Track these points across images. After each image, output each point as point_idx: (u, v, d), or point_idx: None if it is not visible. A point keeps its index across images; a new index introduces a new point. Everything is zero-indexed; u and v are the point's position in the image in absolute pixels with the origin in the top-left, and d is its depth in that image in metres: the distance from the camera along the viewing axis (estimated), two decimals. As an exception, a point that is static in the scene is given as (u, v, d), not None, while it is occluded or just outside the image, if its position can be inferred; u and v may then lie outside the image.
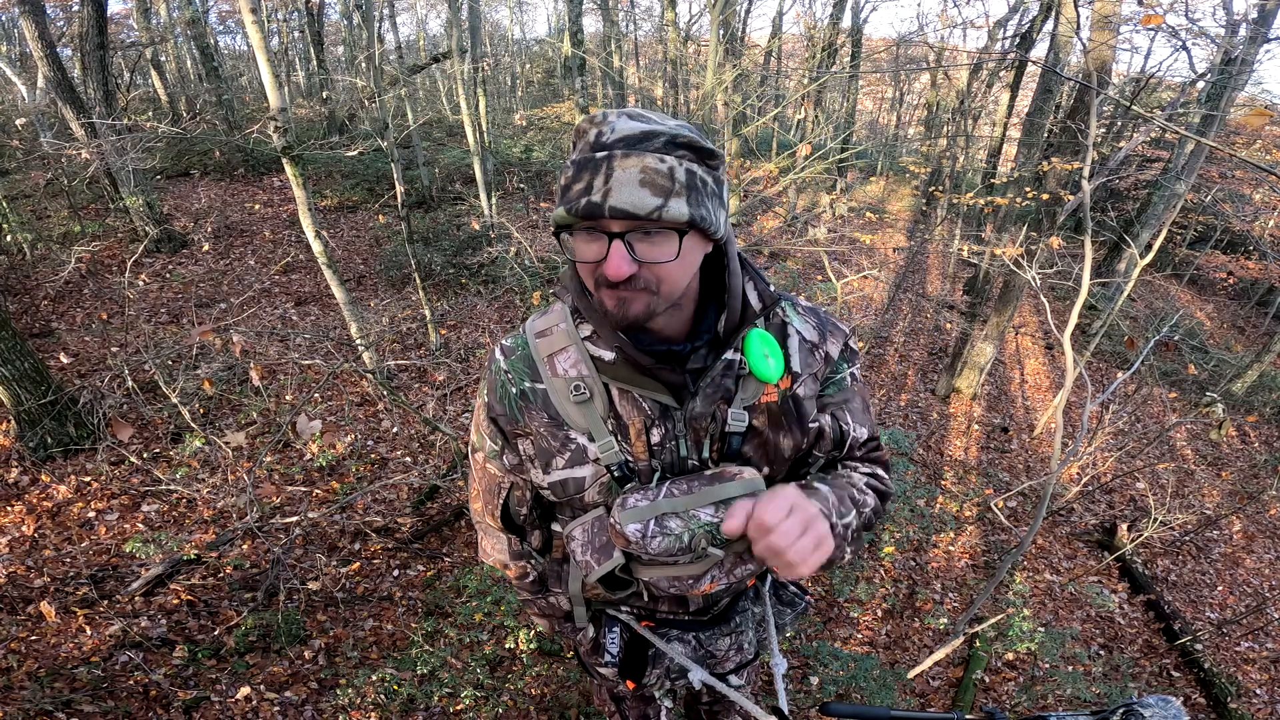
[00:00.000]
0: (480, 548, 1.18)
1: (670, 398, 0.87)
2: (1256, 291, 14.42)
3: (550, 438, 0.92)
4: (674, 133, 0.73)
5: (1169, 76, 12.37)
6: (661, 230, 0.73)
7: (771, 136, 14.87)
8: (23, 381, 3.97)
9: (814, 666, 3.08)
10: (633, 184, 0.71)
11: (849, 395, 0.98)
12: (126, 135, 6.19)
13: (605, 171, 0.71)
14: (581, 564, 0.96)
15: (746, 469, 0.88)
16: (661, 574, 0.92)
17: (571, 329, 0.91)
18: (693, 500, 0.85)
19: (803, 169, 7.50)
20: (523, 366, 0.94)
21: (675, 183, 0.72)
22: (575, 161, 0.74)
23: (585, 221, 0.74)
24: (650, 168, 0.71)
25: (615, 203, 0.70)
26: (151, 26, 11.44)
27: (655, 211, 0.71)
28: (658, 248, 0.75)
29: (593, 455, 0.90)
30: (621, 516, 0.86)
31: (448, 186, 10.80)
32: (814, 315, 0.96)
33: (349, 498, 4.00)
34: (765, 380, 0.87)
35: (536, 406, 0.92)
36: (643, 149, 0.72)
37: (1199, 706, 3.84)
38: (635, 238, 0.73)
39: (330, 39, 18.06)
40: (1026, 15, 11.57)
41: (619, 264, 0.73)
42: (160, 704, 2.62)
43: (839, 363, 0.96)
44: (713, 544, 0.86)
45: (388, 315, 6.74)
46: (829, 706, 0.99)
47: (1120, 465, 6.47)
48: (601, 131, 0.73)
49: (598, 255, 0.75)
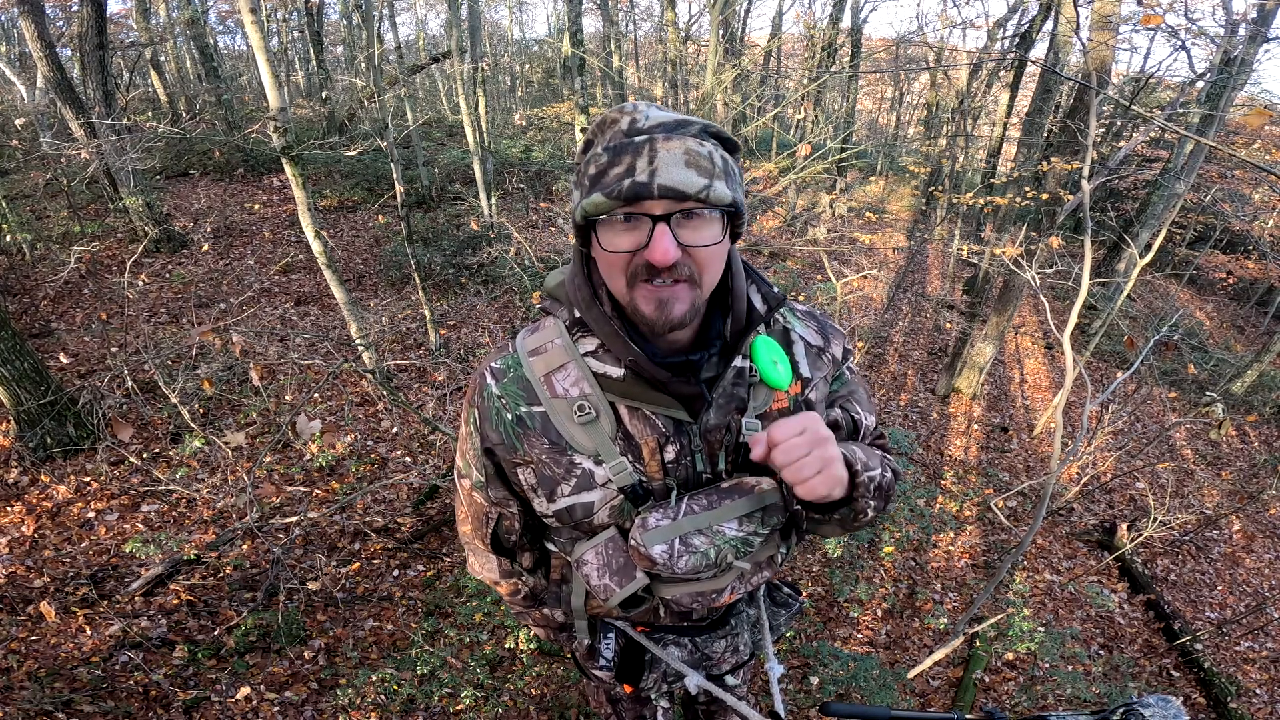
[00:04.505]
0: (469, 563, 1.14)
1: (684, 412, 0.83)
2: (1256, 291, 14.42)
3: (553, 464, 0.87)
4: (704, 122, 0.73)
5: (1169, 76, 12.40)
6: (703, 212, 0.71)
7: (771, 136, 14.87)
8: (22, 381, 3.97)
9: (814, 666, 3.08)
10: (679, 163, 0.69)
11: (854, 387, 1.00)
12: (126, 135, 6.18)
13: (649, 153, 0.69)
14: (599, 588, 0.92)
15: (764, 479, 0.86)
16: (685, 590, 0.92)
17: (569, 344, 0.85)
18: (715, 516, 0.84)
19: (802, 169, 7.50)
20: (517, 389, 0.87)
21: (715, 165, 0.71)
22: (610, 148, 0.71)
23: (626, 206, 0.70)
24: (693, 149, 0.70)
25: (664, 181, 0.68)
26: (151, 26, 11.43)
27: (703, 191, 0.69)
28: (699, 231, 0.72)
29: (601, 479, 0.86)
30: (645, 538, 0.83)
31: (447, 186, 10.80)
32: (813, 319, 0.96)
33: (349, 498, 4.00)
34: (776, 387, 0.85)
35: (536, 432, 0.86)
36: (682, 132, 0.71)
37: (1199, 706, 3.84)
38: (677, 221, 0.70)
39: (330, 39, 18.07)
40: (1026, 15, 11.57)
41: (667, 247, 0.69)
42: (160, 704, 2.62)
43: (842, 361, 0.98)
44: (738, 557, 0.86)
45: (387, 315, 6.74)
46: (829, 706, 0.99)
47: (1120, 465, 6.48)
48: (635, 119, 0.72)
49: (636, 243, 0.72)
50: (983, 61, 11.26)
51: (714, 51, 9.42)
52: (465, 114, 8.15)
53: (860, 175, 18.19)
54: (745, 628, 1.18)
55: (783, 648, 3.17)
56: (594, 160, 0.73)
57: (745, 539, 0.86)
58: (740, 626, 1.17)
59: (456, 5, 8.56)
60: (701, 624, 1.14)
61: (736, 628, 1.16)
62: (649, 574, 0.90)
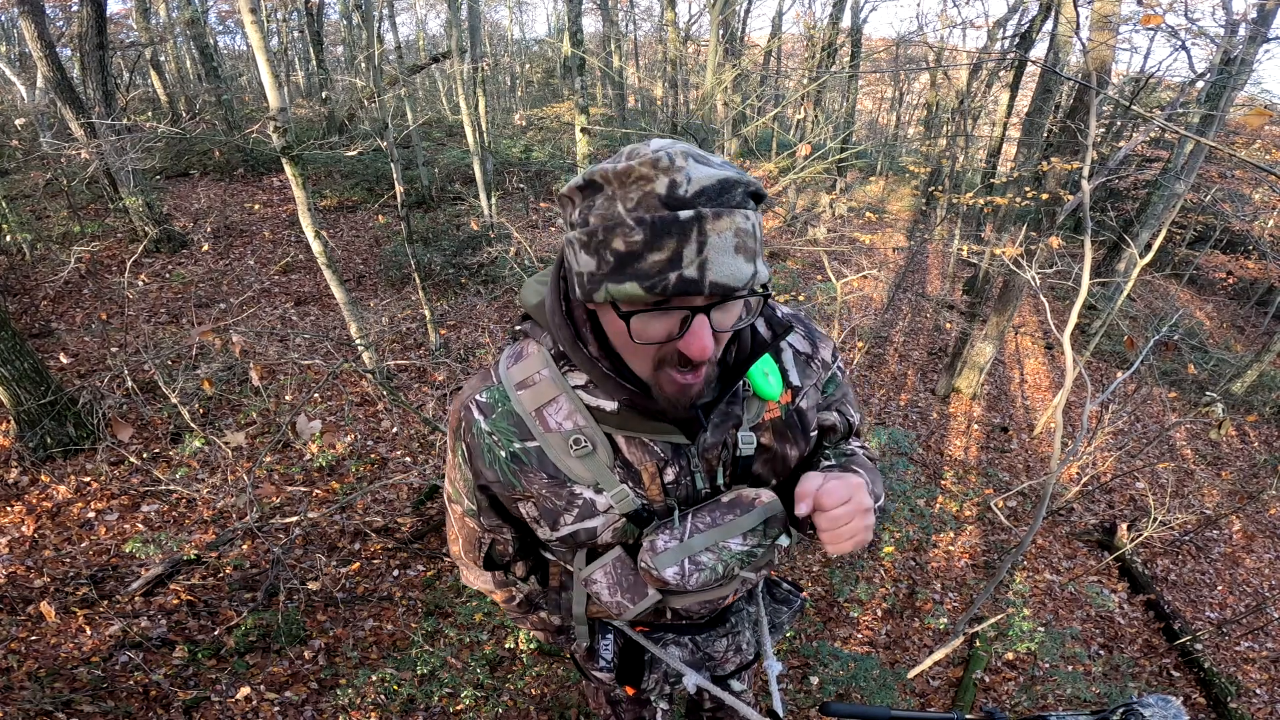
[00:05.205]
0: (463, 575, 1.14)
1: (681, 435, 0.82)
2: (1256, 291, 14.43)
3: (554, 497, 0.86)
4: (746, 180, 0.63)
5: (1169, 76, 12.39)
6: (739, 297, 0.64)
7: (771, 136, 14.87)
8: (22, 381, 3.97)
9: (814, 666, 3.08)
10: (729, 251, 0.60)
11: (845, 389, 1.03)
12: (126, 135, 6.18)
13: (697, 239, 0.59)
14: (611, 604, 0.94)
15: (764, 492, 0.87)
16: (693, 600, 0.96)
17: (558, 376, 0.81)
18: (721, 533, 0.85)
19: (802, 169, 7.50)
20: (508, 425, 0.84)
21: (757, 242, 0.64)
22: (647, 223, 0.59)
23: (669, 299, 0.62)
24: (741, 229, 0.61)
25: (716, 277, 0.60)
26: (151, 26, 11.43)
27: (749, 282, 0.63)
28: (728, 315, 0.67)
29: (603, 506, 0.86)
30: (656, 562, 0.84)
31: (447, 186, 10.80)
32: (800, 324, 0.96)
33: (349, 498, 3.99)
34: (768, 399, 0.86)
35: (533, 468, 0.84)
36: (727, 205, 0.61)
37: (1199, 706, 3.84)
38: (714, 308, 0.64)
39: (330, 39, 18.07)
40: (1026, 15, 11.57)
41: (707, 345, 0.64)
42: (160, 704, 2.62)
43: (832, 363, 0.99)
44: (744, 568, 0.88)
45: (387, 315, 6.74)
46: (829, 706, 0.99)
47: (1120, 465, 6.48)
48: (675, 182, 0.59)
49: (667, 333, 0.66)
50: (983, 61, 11.26)
51: (714, 51, 9.42)
52: (465, 114, 8.15)
53: (860, 175, 18.19)
54: (747, 626, 1.18)
55: (783, 648, 3.18)
56: (620, 232, 0.60)
57: (750, 551, 0.87)
58: (741, 625, 1.16)
59: (456, 5, 8.56)
60: (701, 622, 1.13)
61: (737, 626, 1.16)
62: (661, 590, 0.91)
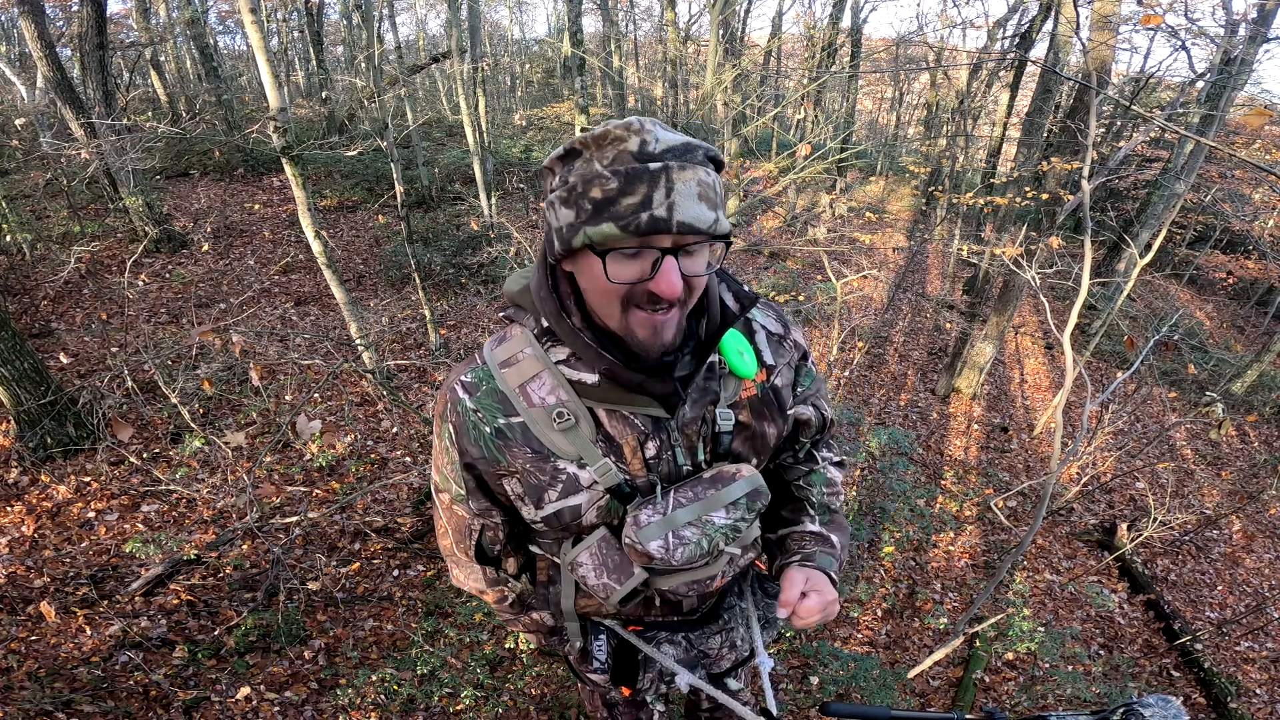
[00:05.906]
0: (453, 575, 1.13)
1: (661, 409, 0.85)
2: (1256, 291, 14.43)
3: (538, 472, 0.87)
4: (706, 146, 0.73)
5: (1169, 76, 12.40)
6: (702, 244, 0.72)
7: (771, 136, 14.88)
8: (22, 381, 3.97)
9: (814, 666, 3.08)
10: (693, 197, 0.68)
11: (820, 384, 1.05)
12: (126, 135, 6.18)
13: (665, 184, 0.67)
14: (598, 587, 0.94)
15: (744, 466, 0.90)
16: (681, 580, 0.95)
17: (540, 353, 0.85)
18: (703, 507, 0.87)
19: (802, 169, 7.50)
20: (491, 402, 0.87)
21: (718, 196, 0.72)
22: (621, 173, 0.67)
23: (641, 238, 0.69)
24: (704, 181, 0.70)
25: (682, 217, 0.67)
26: (151, 26, 11.42)
27: (713, 226, 0.70)
28: (698, 260, 0.73)
29: (587, 481, 0.87)
30: (640, 536, 0.85)
31: (447, 186, 10.80)
32: (770, 308, 1.00)
33: (349, 498, 3.99)
34: (744, 376, 0.89)
35: (517, 442, 0.87)
36: (690, 161, 0.69)
37: (1199, 706, 3.84)
38: (681, 253, 0.71)
39: (330, 39, 18.07)
40: (1026, 15, 11.57)
41: (674, 281, 0.70)
42: (160, 704, 2.62)
43: (806, 349, 1.02)
44: (728, 543, 0.91)
45: (387, 315, 6.74)
46: (829, 706, 0.99)
47: (1120, 465, 6.48)
48: (645, 140, 0.68)
49: (641, 274, 0.71)
50: (983, 61, 11.26)
51: (714, 51, 9.43)
52: (465, 114, 8.15)
53: (860, 175, 18.20)
54: (740, 622, 1.17)
55: (782, 647, 3.17)
56: (598, 182, 0.68)
57: (734, 525, 0.90)
58: (734, 620, 1.16)
59: (456, 5, 8.56)
60: (693, 618, 1.13)
61: (730, 622, 1.15)
62: (646, 568, 0.92)
